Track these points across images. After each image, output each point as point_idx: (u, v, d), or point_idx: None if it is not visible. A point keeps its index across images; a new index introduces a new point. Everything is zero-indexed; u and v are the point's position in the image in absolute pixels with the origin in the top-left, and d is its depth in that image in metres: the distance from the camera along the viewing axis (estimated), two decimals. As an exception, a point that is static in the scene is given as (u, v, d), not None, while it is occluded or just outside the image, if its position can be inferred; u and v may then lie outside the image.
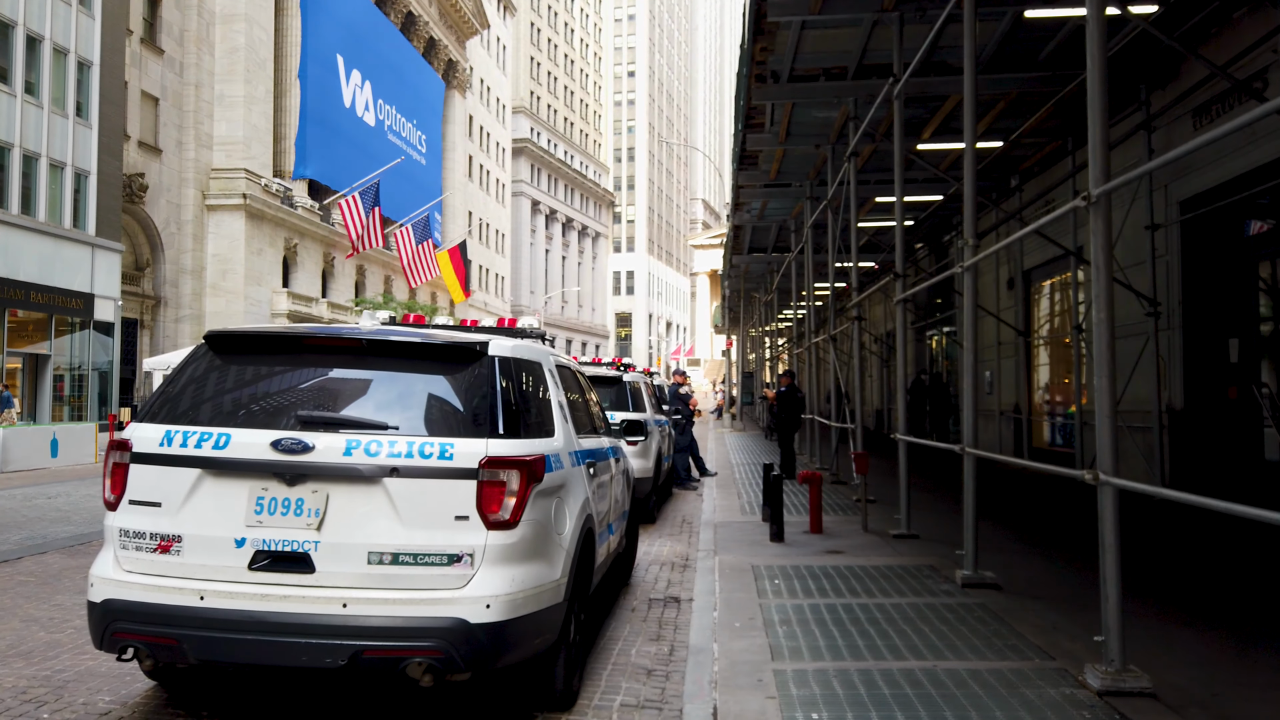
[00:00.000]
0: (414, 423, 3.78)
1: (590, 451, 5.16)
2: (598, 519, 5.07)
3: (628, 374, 10.78)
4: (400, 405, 3.85)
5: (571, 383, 5.56)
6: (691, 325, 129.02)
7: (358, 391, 3.96)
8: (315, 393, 3.95)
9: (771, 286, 26.43)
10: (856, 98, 11.65)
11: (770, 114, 13.17)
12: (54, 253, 29.11)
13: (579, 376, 5.98)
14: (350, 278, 51.48)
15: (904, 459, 8.79)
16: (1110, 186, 4.22)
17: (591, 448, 5.26)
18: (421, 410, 3.84)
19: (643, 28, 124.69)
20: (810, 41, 10.94)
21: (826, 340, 14.27)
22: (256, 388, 3.98)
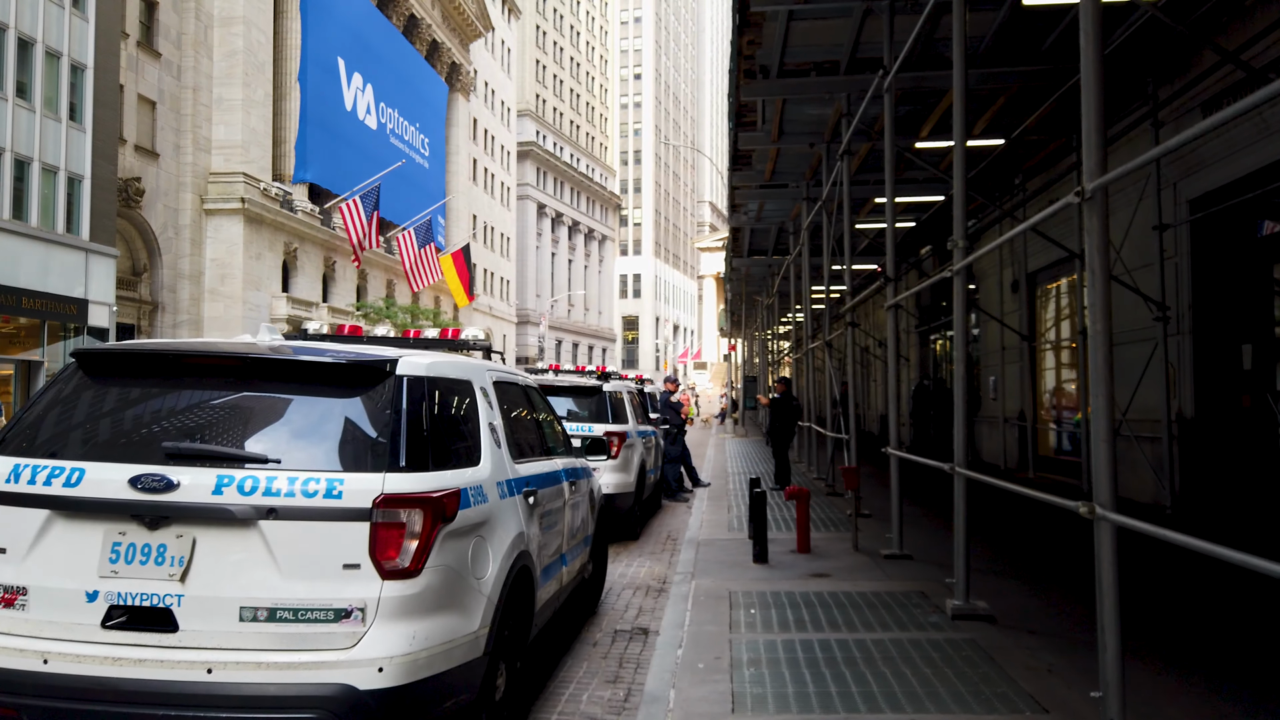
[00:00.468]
0: (301, 455, 3.28)
1: (534, 478, 4.65)
2: (540, 554, 4.57)
3: (609, 383, 10.27)
4: (288, 435, 3.35)
5: (518, 400, 5.07)
6: (699, 329, 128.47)
7: (240, 419, 3.45)
8: (190, 421, 3.42)
9: (772, 290, 25.90)
10: (849, 93, 11.14)
11: (762, 111, 12.67)
12: (46, 258, 28.77)
13: (530, 392, 5.48)
14: (352, 282, 51.12)
15: (895, 475, 8.27)
16: (1106, 180, 3.71)
17: (537, 472, 4.75)
18: (312, 440, 3.34)
19: (649, 31, 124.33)
20: (799, 34, 10.44)
21: (823, 346, 13.75)
22: (125, 414, 3.47)
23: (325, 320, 45.22)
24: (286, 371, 3.52)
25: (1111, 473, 3.80)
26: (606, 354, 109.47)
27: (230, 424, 3.41)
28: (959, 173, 6.22)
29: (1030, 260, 16.19)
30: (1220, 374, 10.95)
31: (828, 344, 13.23)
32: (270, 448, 3.30)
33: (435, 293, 62.35)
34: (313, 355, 3.55)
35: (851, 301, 10.41)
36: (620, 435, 9.60)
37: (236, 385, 3.47)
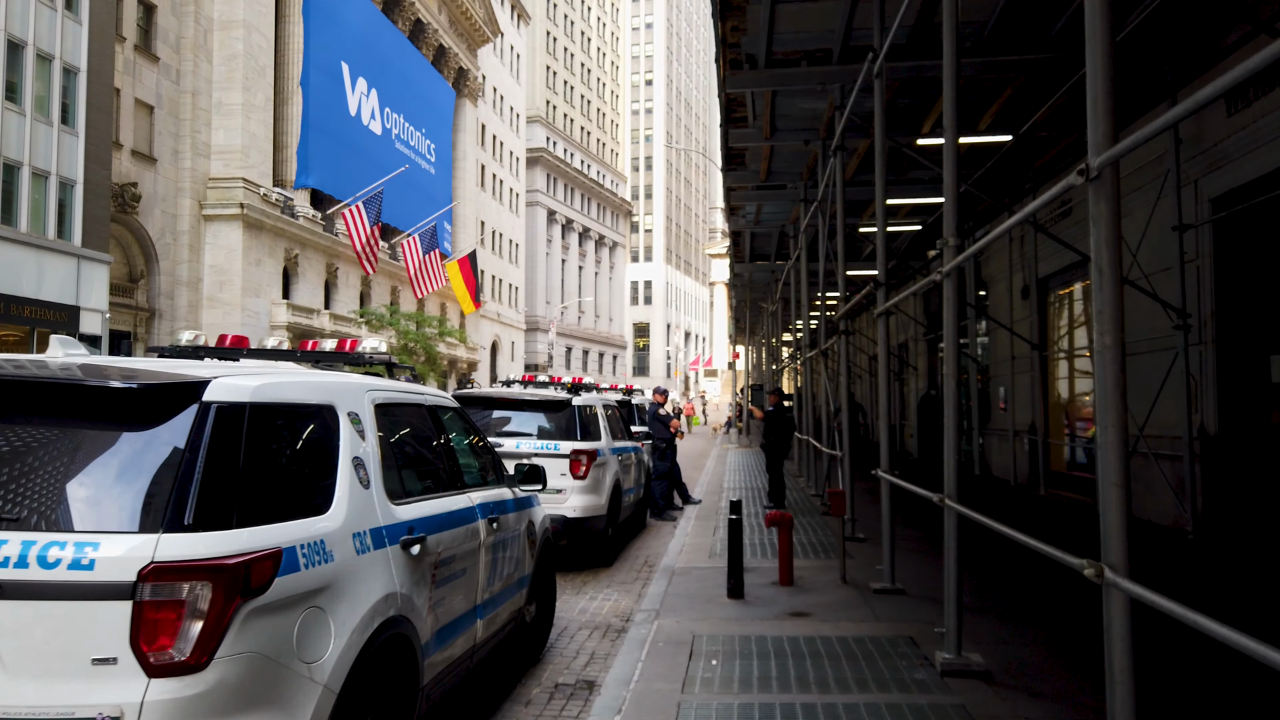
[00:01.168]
0: (52, 511, 2.52)
1: (426, 520, 3.85)
2: (434, 612, 3.78)
3: (580, 396, 9.48)
4: (40, 484, 2.57)
5: (417, 425, 4.30)
6: (710, 335, 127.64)
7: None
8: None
9: (775, 296, 25.08)
10: (843, 84, 10.34)
11: (752, 105, 11.88)
12: (36, 264, 28.27)
13: (440, 414, 4.67)
14: (355, 288, 50.58)
15: (886, 501, 7.45)
16: (1115, 152, 2.91)
17: (431, 513, 3.95)
18: (71, 491, 2.57)
19: (660, 36, 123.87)
20: (787, 19, 9.65)
21: (819, 356, 12.94)
22: None
23: (328, 328, 44.71)
24: (70, 399, 2.76)
25: (1124, 522, 3.00)
26: (617, 361, 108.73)
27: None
28: (949, 162, 5.42)
29: (1041, 265, 15.33)
30: (1246, 387, 10.07)
31: (823, 353, 12.42)
32: (19, 501, 2.52)
33: (441, 299, 61.78)
34: (99, 379, 2.78)
35: (844, 308, 9.59)
36: (589, 454, 8.81)
37: (5, 414, 2.70)
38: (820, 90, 10.56)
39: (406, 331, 43.75)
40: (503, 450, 8.78)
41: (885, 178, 7.69)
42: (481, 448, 5.28)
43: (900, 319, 26.40)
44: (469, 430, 5.19)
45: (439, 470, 4.33)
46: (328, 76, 46.90)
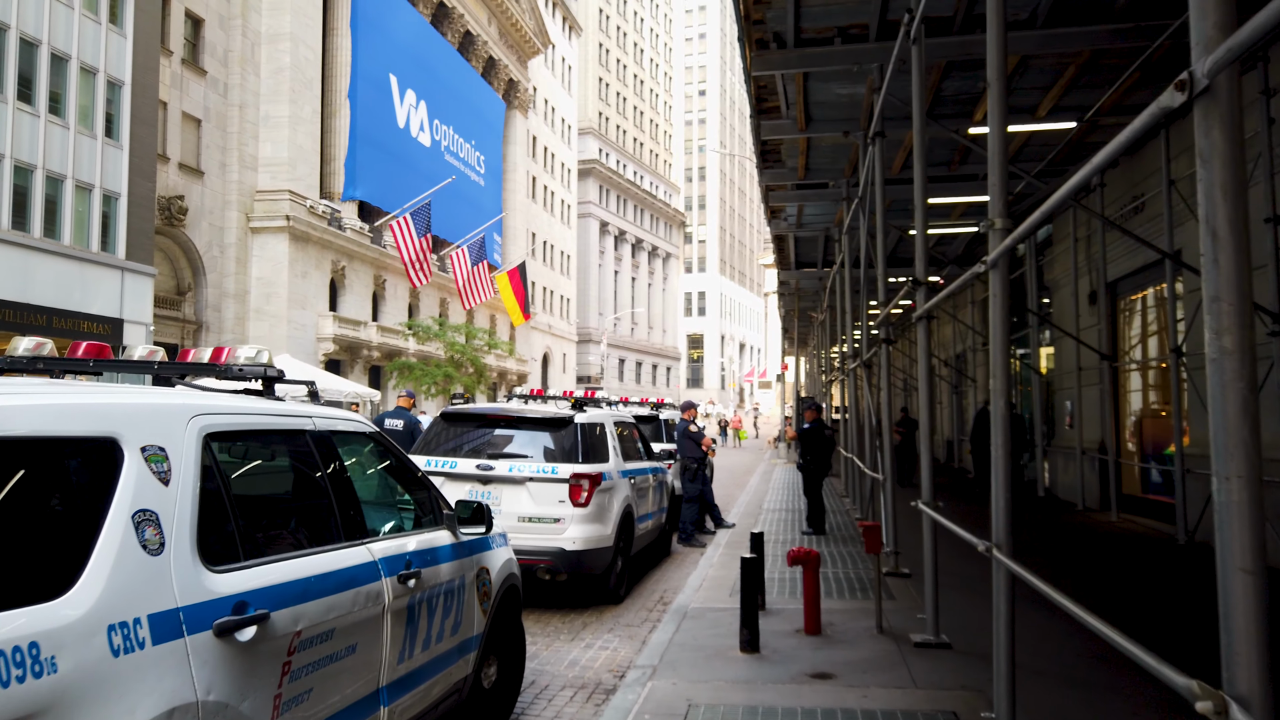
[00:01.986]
0: None
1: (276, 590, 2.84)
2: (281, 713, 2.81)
3: (585, 412, 8.49)
4: None
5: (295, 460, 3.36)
6: (765, 347, 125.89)
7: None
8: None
9: (823, 305, 23.87)
10: (881, 64, 9.23)
11: (784, 92, 10.81)
12: (79, 276, 28.29)
13: (332, 444, 3.61)
14: (403, 300, 50.40)
15: (929, 539, 6.33)
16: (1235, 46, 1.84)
17: (292, 577, 2.94)
18: None
19: (714, 46, 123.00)
20: (816, -9, 8.61)
21: (861, 367, 11.80)
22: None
23: (375, 340, 44.48)
24: None
25: (1262, 636, 1.91)
26: (670, 373, 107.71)
27: None
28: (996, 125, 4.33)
29: (1110, 268, 13.95)
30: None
31: (867, 365, 11.28)
32: None
33: (491, 311, 61.46)
34: None
35: (883, 313, 8.47)
36: (592, 477, 7.81)
37: None
38: (857, 71, 9.46)
39: (453, 344, 43.27)
40: (493, 474, 7.84)
41: (925, 161, 6.59)
42: (412, 482, 4.31)
43: (958, 328, 24.98)
44: (388, 463, 4.23)
45: (319, 518, 3.36)
46: (376, 88, 46.87)
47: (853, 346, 15.68)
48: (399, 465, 4.28)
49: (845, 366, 14.98)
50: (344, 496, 3.48)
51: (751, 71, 9.69)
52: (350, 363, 43.69)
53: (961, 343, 25.04)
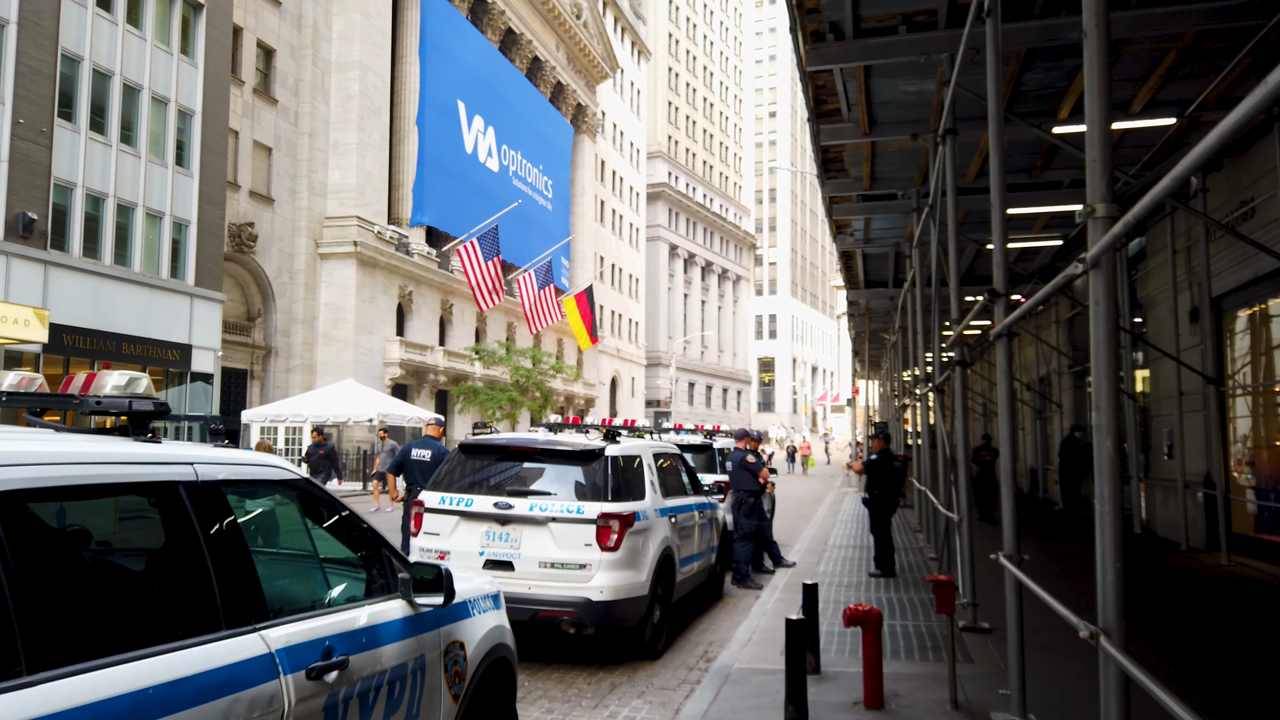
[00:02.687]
0: None
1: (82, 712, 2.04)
2: None
3: (618, 444, 7.61)
4: None
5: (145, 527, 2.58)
6: (838, 370, 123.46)
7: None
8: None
9: (895, 326, 22.65)
10: (951, 53, 8.26)
11: (844, 92, 9.89)
12: (149, 303, 28.62)
13: (217, 498, 2.65)
14: (470, 325, 50.39)
15: (1013, 601, 5.31)
16: None
17: (124, 689, 2.13)
18: None
19: (784, 67, 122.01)
20: (876, -29, 7.71)
21: (934, 392, 10.72)
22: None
23: (441, 364, 44.41)
24: None
25: None
26: (741, 397, 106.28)
27: None
28: (1095, 78, 3.38)
29: (1215, 281, 12.60)
30: None
31: (938, 389, 10.21)
32: None
33: (559, 335, 61.23)
34: None
35: (957, 330, 7.47)
36: (623, 517, 6.94)
37: None
38: (925, 63, 8.50)
39: (518, 368, 42.94)
40: (512, 514, 7.04)
41: (1003, 154, 5.62)
42: (358, 540, 3.50)
43: (1041, 349, 23.50)
44: (324, 518, 3.42)
45: (183, 601, 2.55)
46: (444, 114, 47.16)
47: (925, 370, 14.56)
48: (339, 521, 3.47)
49: (918, 391, 13.86)
50: (231, 568, 2.67)
51: (807, 68, 8.80)
52: (417, 387, 43.68)
53: (1045, 365, 23.54)
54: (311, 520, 3.38)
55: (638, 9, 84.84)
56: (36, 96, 24.71)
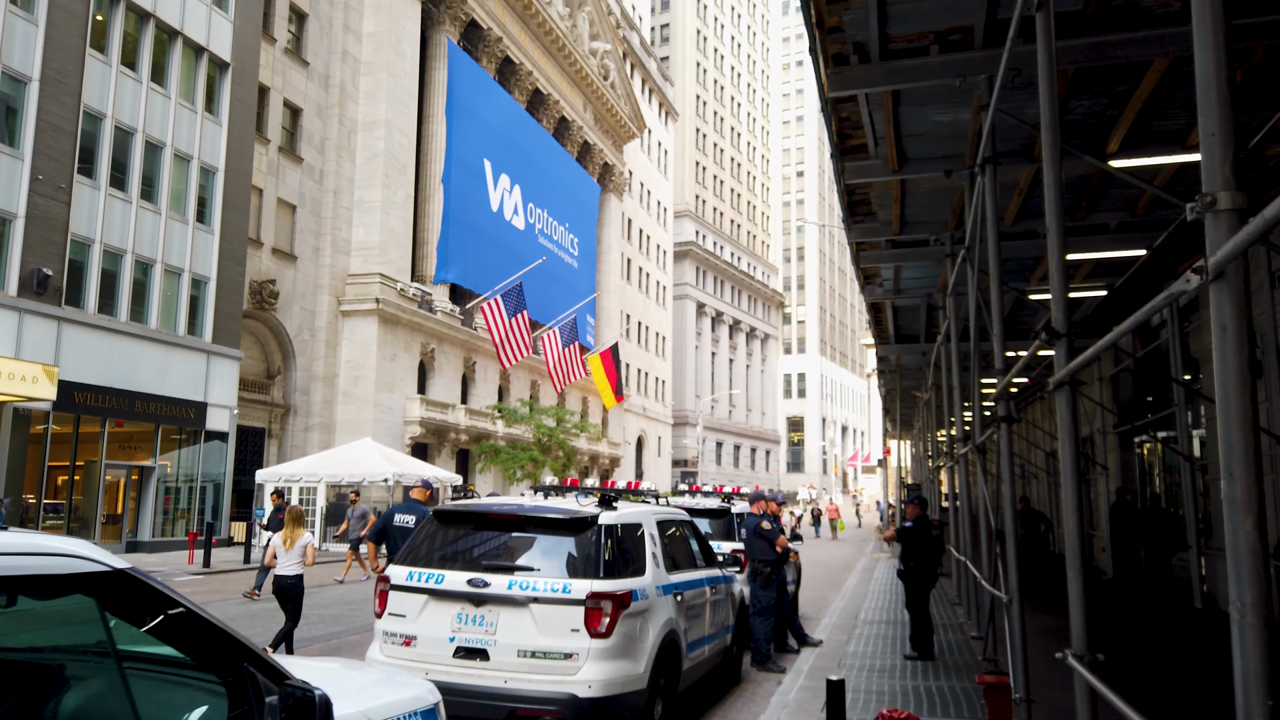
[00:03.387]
0: None
1: None
2: None
3: (613, 510, 6.66)
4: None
5: None
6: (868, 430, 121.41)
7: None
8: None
9: (927, 383, 21.57)
10: (990, 75, 7.44)
11: (870, 124, 9.08)
12: (165, 360, 28.21)
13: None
14: (493, 383, 49.76)
15: (1086, 709, 4.27)
16: None
17: None
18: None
19: (811, 128, 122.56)
20: (905, -18, 6.93)
21: (974, 453, 9.70)
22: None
23: (462, 423, 43.68)
24: None
25: None
26: (770, 457, 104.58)
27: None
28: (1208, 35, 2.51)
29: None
30: None
31: (979, 449, 9.20)
32: None
33: (583, 393, 60.47)
34: None
35: (1004, 381, 6.51)
36: (617, 598, 5.98)
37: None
38: (960, 86, 7.66)
39: (540, 426, 42.09)
40: (489, 593, 6.09)
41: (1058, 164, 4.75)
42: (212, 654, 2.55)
43: (1084, 406, 22.29)
44: (137, 622, 2.48)
45: None
46: (469, 173, 47.18)
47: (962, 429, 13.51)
48: (184, 627, 2.56)
49: (954, 451, 12.80)
50: None
51: (829, 94, 8.01)
52: (437, 446, 42.93)
53: (1089, 424, 22.30)
54: (129, 628, 2.47)
55: (665, 72, 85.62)
56: (57, 153, 24.65)
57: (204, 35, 29.77)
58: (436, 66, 45.52)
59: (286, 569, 9.87)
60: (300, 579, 9.92)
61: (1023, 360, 6.02)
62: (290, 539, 9.94)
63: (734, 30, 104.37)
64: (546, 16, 54.60)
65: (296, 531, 10.02)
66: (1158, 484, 18.79)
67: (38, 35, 24.23)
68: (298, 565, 9.89)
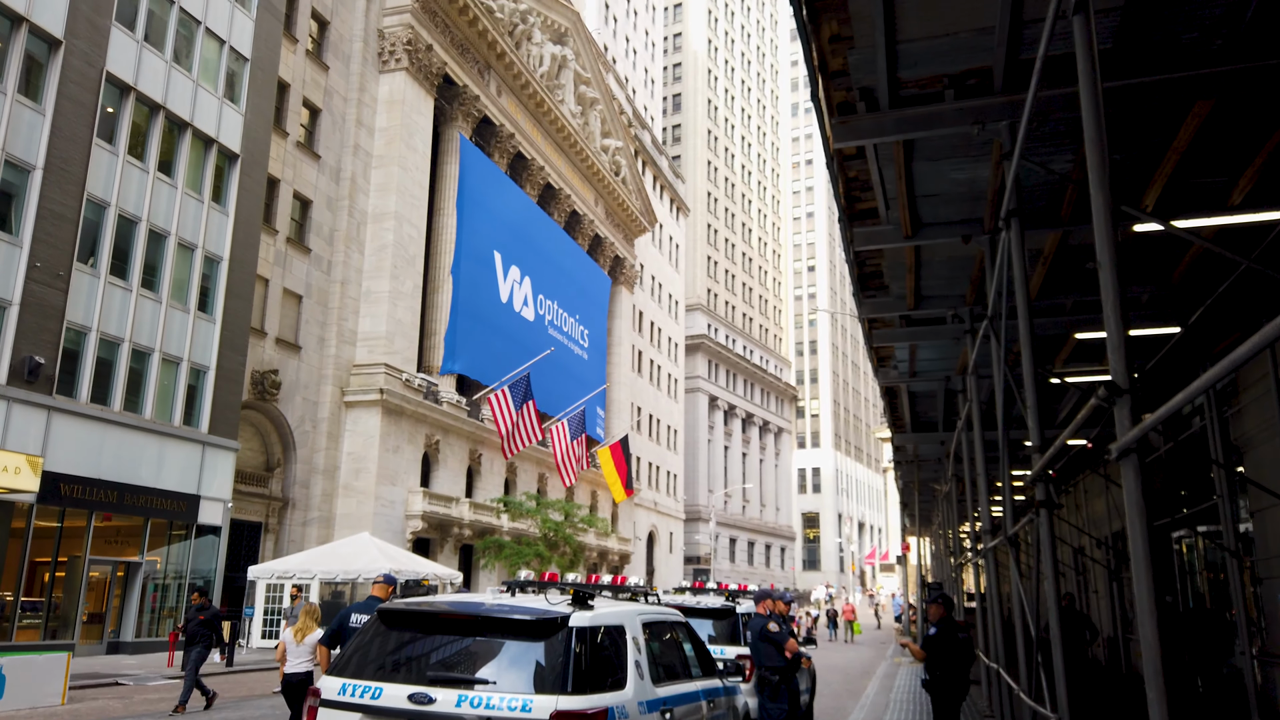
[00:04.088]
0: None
1: None
2: None
3: (593, 610, 5.65)
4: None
5: None
6: (886, 527, 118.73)
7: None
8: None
9: (947, 474, 20.48)
10: (1012, 121, 6.74)
11: (880, 183, 8.37)
12: (158, 451, 27.41)
13: None
14: (499, 475, 48.66)
15: None
16: None
17: None
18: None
19: (822, 225, 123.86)
20: (914, 17, 6.27)
21: (1005, 545, 8.68)
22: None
23: (466, 517, 42.44)
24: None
25: None
26: (785, 554, 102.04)
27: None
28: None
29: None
30: None
31: (1009, 540, 8.19)
32: None
33: (593, 487, 59.16)
34: None
35: (1039, 462, 5.59)
36: (587, 717, 4.98)
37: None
38: (979, 136, 6.95)
39: (546, 520, 40.78)
40: (433, 711, 5.09)
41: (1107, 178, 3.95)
42: None
43: (1112, 497, 21.10)
44: None
45: None
46: (479, 264, 47.07)
47: (989, 520, 12.44)
48: None
49: (981, 545, 11.72)
50: None
51: (834, 145, 7.32)
52: (440, 541, 41.64)
53: (1119, 519, 21.07)
54: None
55: (677, 169, 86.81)
56: (56, 240, 24.39)
57: (214, 127, 29.92)
58: (448, 160, 45.90)
59: (296, 666, 9.78)
60: (310, 676, 9.65)
61: (1071, 427, 5.11)
62: (302, 633, 9.89)
63: (744, 131, 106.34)
64: (559, 114, 55.42)
65: (309, 627, 9.95)
66: (1200, 583, 17.48)
67: (44, 125, 24.26)
68: (308, 663, 9.75)
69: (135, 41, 27.14)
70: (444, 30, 44.37)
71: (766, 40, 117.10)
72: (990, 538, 10.11)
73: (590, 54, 61.66)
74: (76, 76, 25.09)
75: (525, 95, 52.30)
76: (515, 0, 51.47)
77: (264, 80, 32.55)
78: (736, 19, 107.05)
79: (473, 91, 46.31)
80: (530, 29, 53.38)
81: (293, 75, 36.56)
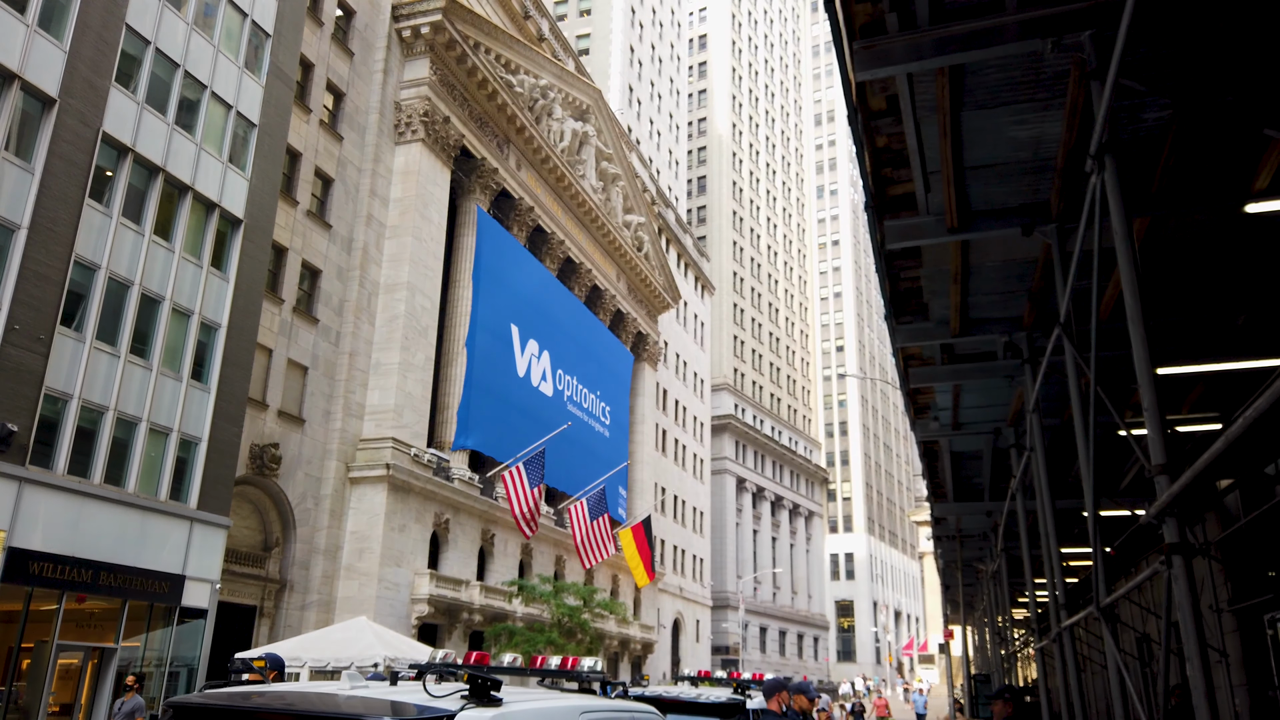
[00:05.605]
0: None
1: None
2: None
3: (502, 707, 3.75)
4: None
5: None
6: (924, 616, 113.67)
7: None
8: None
9: (996, 549, 18.16)
10: (1096, 32, 4.96)
11: (919, 151, 6.56)
12: (139, 528, 25.61)
13: None
14: (514, 557, 46.31)
15: None
16: None
17: None
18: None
19: (850, 305, 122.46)
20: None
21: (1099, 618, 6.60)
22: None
23: (477, 601, 40.03)
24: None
25: None
26: (819, 644, 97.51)
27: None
28: None
29: None
30: None
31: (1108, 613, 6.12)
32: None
33: (613, 570, 56.49)
34: None
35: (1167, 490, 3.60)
36: None
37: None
38: (1050, 59, 5.16)
39: (561, 605, 38.26)
40: None
41: None
42: None
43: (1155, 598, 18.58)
44: None
45: None
46: (495, 338, 45.69)
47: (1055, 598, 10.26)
48: None
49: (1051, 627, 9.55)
50: None
51: (854, 76, 5.56)
52: (448, 628, 39.19)
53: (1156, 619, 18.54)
54: None
55: (701, 248, 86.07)
56: (39, 302, 23.13)
57: (216, 191, 28.95)
58: (465, 232, 44.98)
59: None
60: None
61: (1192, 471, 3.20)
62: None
63: (770, 212, 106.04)
64: (580, 189, 54.73)
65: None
66: None
67: (32, 184, 23.26)
68: None
69: (135, 103, 26.35)
70: (462, 103, 43.92)
71: (791, 125, 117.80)
72: (1066, 614, 7.98)
73: (612, 131, 61.35)
74: (70, 136, 24.20)
75: (545, 169, 51.68)
76: (535, 76, 51.22)
77: (272, 146, 31.73)
78: (761, 104, 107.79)
79: (491, 164, 45.64)
80: (551, 104, 53.06)
81: (305, 144, 35.90)
